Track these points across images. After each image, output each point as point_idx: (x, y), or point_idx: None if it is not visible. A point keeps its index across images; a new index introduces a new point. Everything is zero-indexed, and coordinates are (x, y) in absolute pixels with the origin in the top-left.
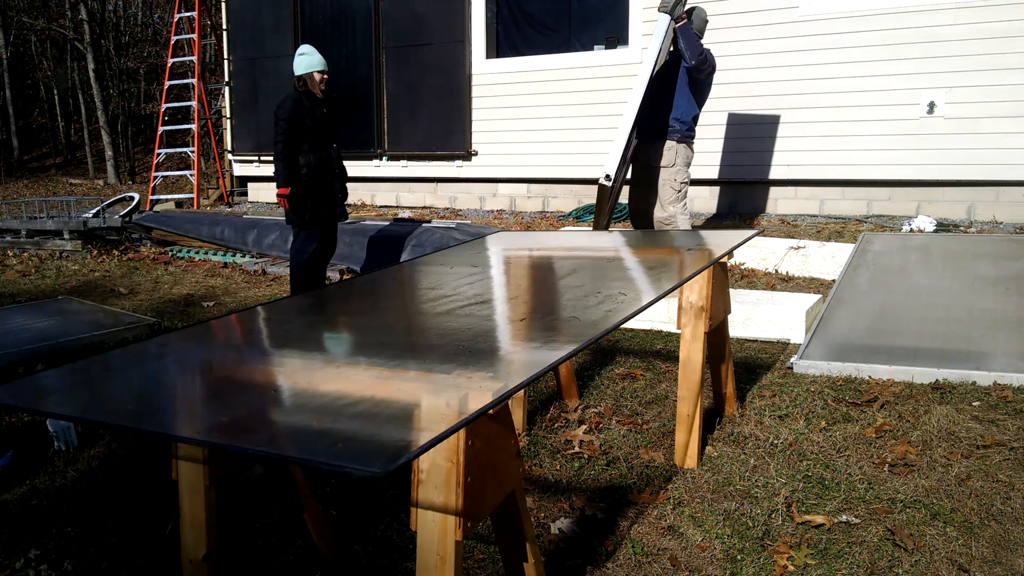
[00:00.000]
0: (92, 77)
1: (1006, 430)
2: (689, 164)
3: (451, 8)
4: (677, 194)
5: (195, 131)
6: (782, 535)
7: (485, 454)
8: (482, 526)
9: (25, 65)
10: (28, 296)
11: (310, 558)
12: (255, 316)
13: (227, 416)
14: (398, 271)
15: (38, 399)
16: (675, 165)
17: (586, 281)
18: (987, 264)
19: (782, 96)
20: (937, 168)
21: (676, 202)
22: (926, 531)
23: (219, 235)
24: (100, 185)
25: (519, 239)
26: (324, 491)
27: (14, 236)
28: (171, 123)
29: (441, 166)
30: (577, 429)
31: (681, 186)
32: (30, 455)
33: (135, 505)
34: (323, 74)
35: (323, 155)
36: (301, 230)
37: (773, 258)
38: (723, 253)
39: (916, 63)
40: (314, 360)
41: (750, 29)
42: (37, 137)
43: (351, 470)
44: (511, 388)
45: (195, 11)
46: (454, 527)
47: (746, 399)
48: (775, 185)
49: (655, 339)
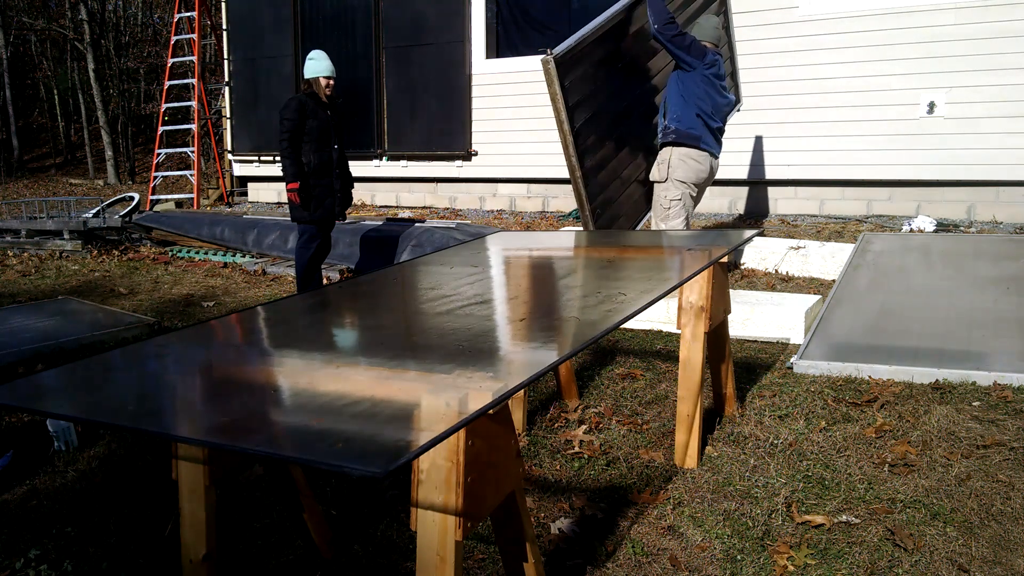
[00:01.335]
0: (92, 77)
1: (1006, 430)
2: (690, 177)
3: (451, 8)
4: (666, 212)
5: (195, 131)
6: (782, 535)
7: (485, 454)
8: (482, 526)
9: (25, 65)
10: (28, 296)
11: (310, 558)
12: (255, 316)
13: (227, 416)
14: (398, 271)
15: (38, 399)
16: (666, 179)
17: (586, 281)
18: (987, 264)
19: (782, 96)
20: (937, 168)
21: (666, 220)
22: (926, 531)
23: (219, 235)
24: (100, 185)
25: (519, 239)
26: (324, 491)
27: (14, 236)
28: (171, 123)
29: (441, 166)
30: (577, 429)
31: (671, 203)
32: (30, 455)
33: (135, 505)
34: (329, 79)
35: (323, 155)
36: (305, 228)
37: (773, 258)
38: (723, 253)
39: (916, 63)
40: (314, 360)
41: (750, 29)
42: (37, 137)
43: (351, 470)
44: (511, 388)
45: (195, 11)
46: (454, 527)
47: (746, 399)
48: (775, 185)
49: (655, 339)
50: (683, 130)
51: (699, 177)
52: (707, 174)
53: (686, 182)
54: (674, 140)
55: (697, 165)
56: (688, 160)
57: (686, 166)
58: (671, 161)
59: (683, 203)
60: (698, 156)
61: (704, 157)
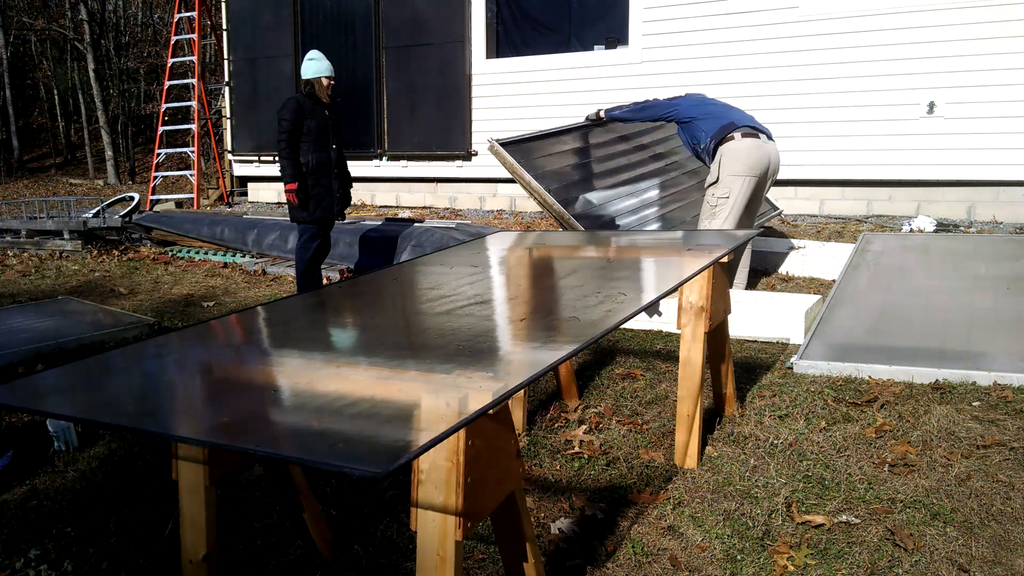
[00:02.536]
0: (92, 77)
1: (1006, 430)
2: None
3: (451, 8)
4: (712, 210)
5: (195, 131)
6: (782, 535)
7: (485, 454)
8: (482, 526)
9: (25, 65)
10: (28, 296)
11: (310, 558)
12: (255, 316)
13: (227, 416)
14: (398, 271)
15: (38, 399)
16: (717, 180)
17: (586, 281)
18: (987, 264)
19: (782, 96)
20: (937, 168)
21: (711, 219)
22: (926, 531)
23: (219, 235)
24: (100, 185)
25: (519, 239)
26: (324, 491)
27: (14, 236)
28: (171, 123)
29: (441, 166)
30: (577, 429)
31: (718, 201)
32: (30, 455)
33: (135, 505)
34: (330, 80)
35: (322, 155)
36: (305, 228)
37: (773, 258)
38: (723, 253)
39: (916, 63)
40: (314, 360)
41: (750, 29)
42: (37, 137)
43: (351, 470)
44: (511, 388)
45: (195, 11)
46: (454, 527)
47: (746, 399)
48: (775, 185)
49: (655, 339)
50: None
51: (759, 164)
52: (767, 160)
53: (740, 175)
54: (719, 141)
55: (753, 152)
56: (738, 151)
57: (737, 158)
58: (722, 160)
59: (733, 201)
60: (748, 143)
61: (756, 143)
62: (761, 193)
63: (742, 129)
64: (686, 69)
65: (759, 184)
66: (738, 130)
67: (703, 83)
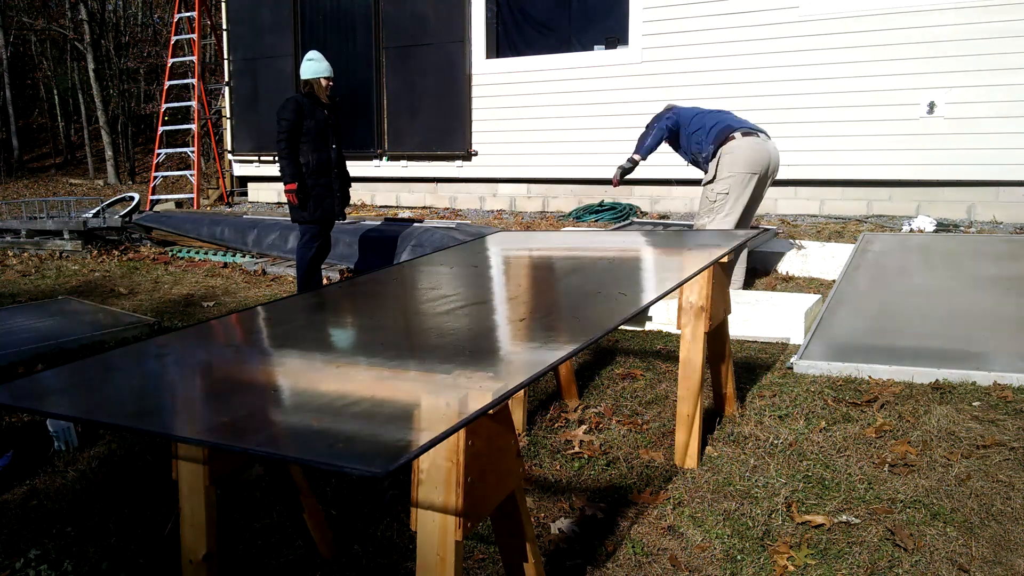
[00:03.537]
0: (92, 77)
1: (1006, 430)
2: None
3: (451, 8)
4: (711, 205)
5: (195, 131)
6: (782, 535)
7: (485, 454)
8: (482, 526)
9: (25, 65)
10: (28, 296)
11: (310, 558)
12: (255, 316)
13: (227, 416)
14: (398, 271)
15: (38, 399)
16: (713, 179)
17: (586, 281)
18: (987, 264)
19: (782, 96)
20: (937, 168)
21: (710, 215)
22: (926, 531)
23: (219, 235)
24: (100, 185)
25: (519, 239)
26: (324, 491)
27: (14, 236)
28: (171, 123)
29: (441, 166)
30: (577, 429)
31: (717, 196)
32: (30, 455)
33: (135, 505)
34: (329, 80)
35: (322, 155)
36: (306, 228)
37: (773, 258)
38: (723, 253)
39: (916, 63)
40: (314, 360)
41: (750, 29)
42: (37, 137)
43: (351, 470)
44: (511, 388)
45: (195, 11)
46: (454, 527)
47: (746, 399)
48: (775, 185)
49: (655, 339)
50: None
51: (760, 161)
52: (768, 158)
53: (742, 173)
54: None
55: (755, 150)
56: (739, 149)
57: (738, 156)
58: (722, 159)
59: (735, 198)
60: (748, 142)
61: (756, 141)
62: (762, 192)
63: (741, 129)
64: (686, 69)
65: (760, 182)
66: (737, 131)
67: (703, 83)
